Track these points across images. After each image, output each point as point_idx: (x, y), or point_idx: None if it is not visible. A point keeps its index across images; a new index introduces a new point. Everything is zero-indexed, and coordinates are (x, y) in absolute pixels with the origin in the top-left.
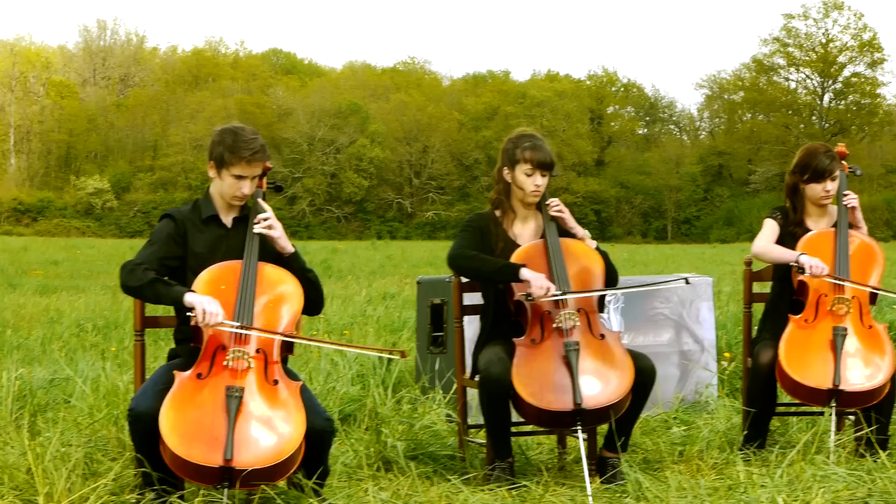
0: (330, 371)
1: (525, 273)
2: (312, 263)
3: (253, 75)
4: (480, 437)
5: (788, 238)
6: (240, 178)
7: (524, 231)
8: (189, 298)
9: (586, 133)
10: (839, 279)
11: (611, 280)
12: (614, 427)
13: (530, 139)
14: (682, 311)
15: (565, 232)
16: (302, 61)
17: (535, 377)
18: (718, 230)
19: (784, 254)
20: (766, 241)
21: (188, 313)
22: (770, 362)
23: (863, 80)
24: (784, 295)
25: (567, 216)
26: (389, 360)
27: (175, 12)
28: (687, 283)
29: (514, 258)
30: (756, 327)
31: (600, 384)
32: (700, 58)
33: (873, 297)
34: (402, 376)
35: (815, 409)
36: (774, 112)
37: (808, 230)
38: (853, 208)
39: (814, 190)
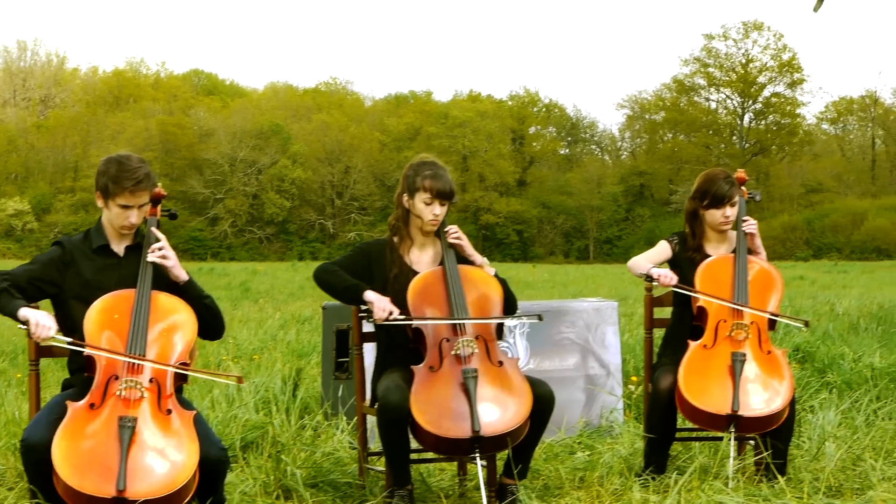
0: (234, 398)
1: (368, 295)
2: (231, 286)
3: (174, 96)
4: (380, 465)
5: (687, 263)
6: (126, 207)
7: (422, 258)
8: (23, 312)
9: (508, 153)
10: (682, 288)
11: (509, 307)
12: (511, 454)
13: (431, 167)
14: (587, 335)
15: (464, 259)
16: (223, 82)
17: (434, 404)
18: (640, 250)
19: (643, 266)
20: (641, 257)
21: (20, 326)
22: (669, 388)
23: (783, 100)
24: (684, 320)
25: (465, 243)
26: (231, 384)
27: (96, 33)
28: (540, 319)
29: (413, 285)
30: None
31: (498, 411)
32: (621, 78)
33: (772, 323)
34: (308, 402)
35: (714, 434)
36: (695, 132)
37: (707, 256)
38: (752, 234)
39: (713, 216)
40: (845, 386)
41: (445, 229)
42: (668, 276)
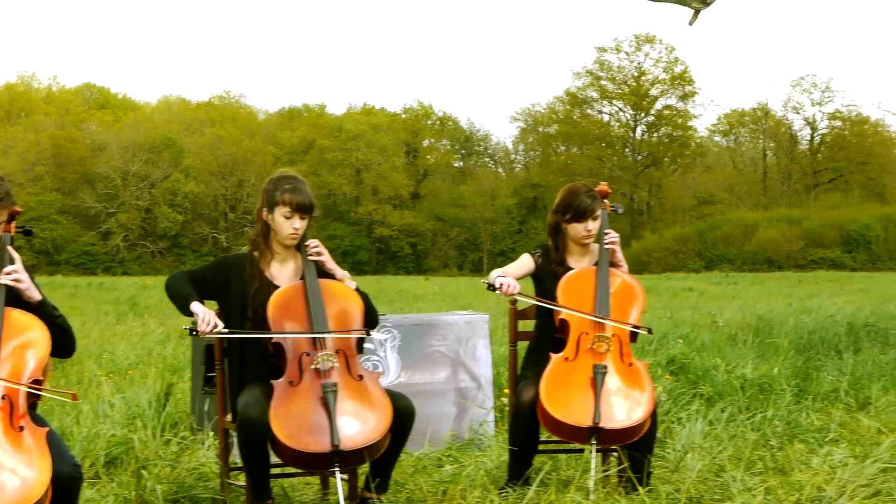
0: (100, 413)
1: (194, 307)
2: (120, 300)
3: (66, 110)
4: (242, 480)
5: (550, 276)
6: None
7: (283, 272)
8: None
9: (402, 166)
10: (527, 296)
11: (371, 321)
12: (370, 468)
13: (291, 181)
14: (458, 348)
15: (325, 273)
16: (116, 96)
17: (293, 419)
18: None
19: (490, 276)
20: (502, 269)
21: None
22: (532, 400)
23: (675, 112)
24: (546, 333)
25: (326, 257)
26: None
27: None
28: (367, 334)
29: (273, 300)
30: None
31: (358, 425)
32: (515, 91)
33: (634, 335)
34: (179, 417)
35: (577, 446)
36: (588, 144)
37: (569, 269)
38: (614, 247)
39: (575, 229)
40: (717, 397)
41: (306, 244)
42: (512, 286)
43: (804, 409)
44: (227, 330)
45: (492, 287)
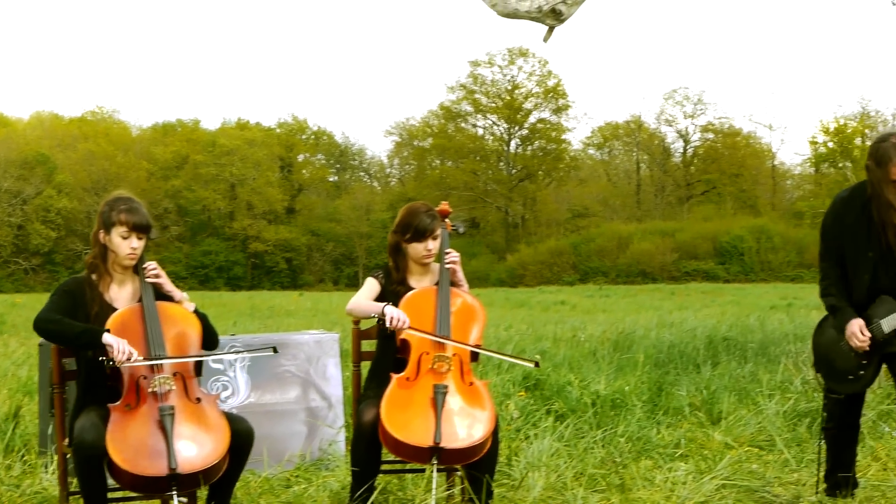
0: None
1: (107, 338)
2: None
3: None
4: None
5: (391, 296)
6: None
7: (121, 295)
8: None
9: (276, 181)
10: (421, 331)
11: (209, 343)
12: (208, 491)
13: (126, 202)
14: (308, 367)
15: (163, 295)
16: None
17: (130, 443)
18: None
19: (371, 307)
20: (359, 298)
21: None
22: (373, 421)
23: (548, 126)
24: (387, 353)
25: (164, 280)
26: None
27: None
28: (275, 351)
29: (110, 323)
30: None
31: (196, 448)
32: (389, 105)
33: (475, 355)
34: (28, 440)
35: (419, 466)
36: (463, 158)
37: (410, 288)
38: (455, 267)
39: (415, 249)
40: (570, 413)
41: (143, 266)
42: (402, 319)
43: (655, 425)
44: (142, 357)
45: (381, 320)
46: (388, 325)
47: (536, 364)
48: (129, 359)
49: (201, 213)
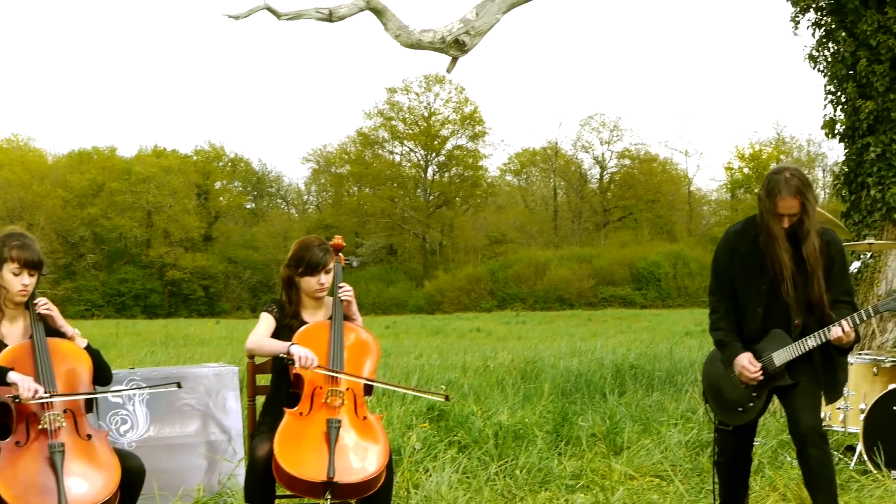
0: None
1: (12, 376)
2: None
3: None
4: None
5: (285, 330)
6: None
7: (13, 330)
8: None
9: (193, 208)
10: (332, 371)
11: (101, 379)
12: None
13: (19, 238)
14: (208, 401)
15: (54, 331)
16: None
17: (20, 480)
18: None
19: (276, 346)
20: (259, 335)
21: None
22: (266, 456)
23: (465, 152)
24: (281, 388)
25: (56, 315)
26: None
27: None
28: (179, 386)
29: (1, 359)
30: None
31: (86, 485)
32: (306, 132)
33: (368, 389)
34: None
35: (313, 501)
36: (380, 185)
37: (304, 322)
38: (348, 300)
39: (308, 283)
40: (473, 444)
41: (35, 301)
42: (310, 358)
43: (557, 456)
44: (48, 394)
45: (289, 360)
46: (297, 364)
47: (447, 398)
48: (34, 395)
49: (118, 240)
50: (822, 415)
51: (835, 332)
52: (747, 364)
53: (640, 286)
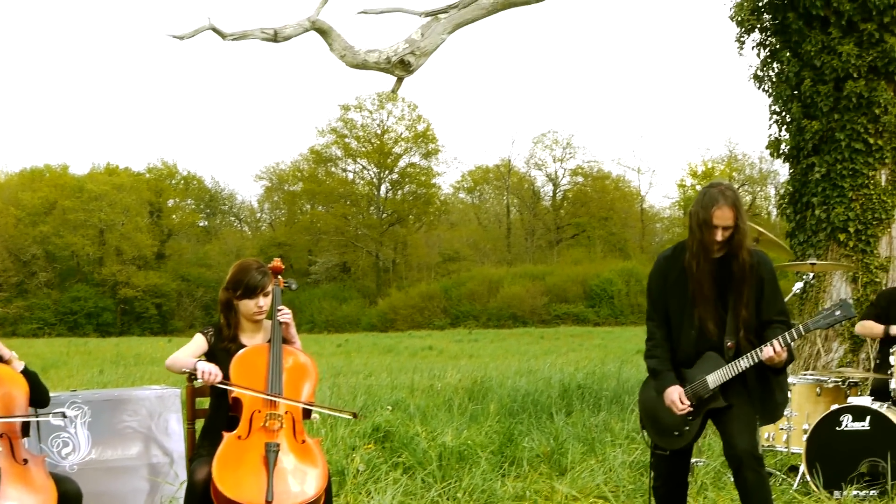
0: None
1: None
2: None
3: None
4: None
5: (223, 354)
6: None
7: None
8: None
9: (146, 226)
10: (227, 384)
11: (39, 402)
12: None
13: None
14: (150, 423)
15: None
16: None
17: None
18: None
19: (185, 362)
20: (178, 353)
21: None
22: (205, 479)
23: (418, 170)
24: (220, 411)
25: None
26: None
27: None
28: (64, 416)
29: None
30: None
31: None
32: (259, 149)
33: (307, 413)
34: None
35: None
36: (334, 203)
37: (242, 346)
38: (287, 323)
39: (247, 306)
40: (418, 466)
41: None
42: (214, 373)
43: (500, 477)
44: None
45: (192, 376)
46: (199, 378)
47: (354, 415)
48: None
49: (70, 258)
50: (766, 435)
51: (766, 352)
52: (676, 400)
53: (593, 303)
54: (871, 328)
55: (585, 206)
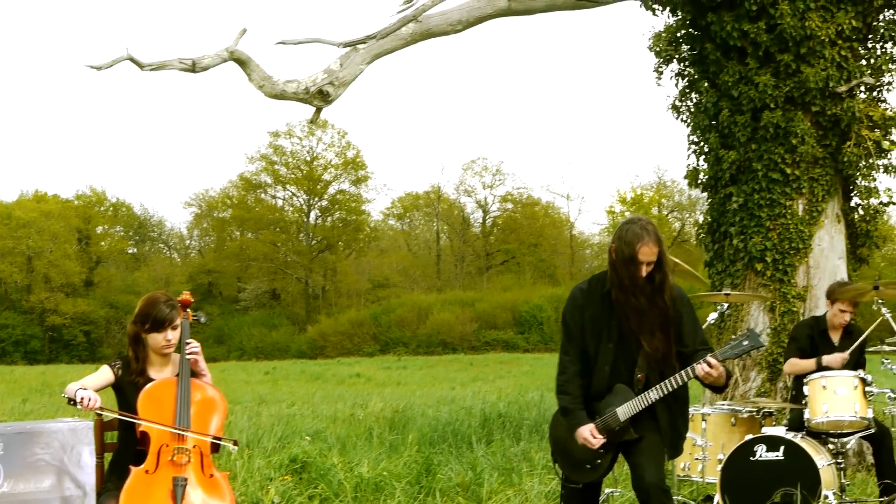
0: None
1: None
2: None
3: None
4: None
5: (130, 387)
6: None
7: None
8: None
9: (74, 253)
10: (108, 410)
11: None
12: None
13: None
14: (63, 456)
15: None
16: None
17: None
18: (208, 349)
19: (69, 389)
20: (80, 381)
21: None
22: None
23: (348, 197)
24: (128, 445)
25: None
26: None
27: None
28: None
29: None
30: None
31: None
32: (189, 176)
33: (216, 446)
34: None
35: None
36: (263, 229)
37: (151, 379)
38: (196, 357)
39: (155, 339)
40: (334, 497)
41: None
42: (93, 399)
43: None
44: None
45: (72, 401)
46: (78, 405)
47: (235, 443)
48: None
49: None
50: (682, 465)
51: (699, 368)
52: (589, 437)
53: (522, 330)
54: (800, 366)
55: (515, 233)
